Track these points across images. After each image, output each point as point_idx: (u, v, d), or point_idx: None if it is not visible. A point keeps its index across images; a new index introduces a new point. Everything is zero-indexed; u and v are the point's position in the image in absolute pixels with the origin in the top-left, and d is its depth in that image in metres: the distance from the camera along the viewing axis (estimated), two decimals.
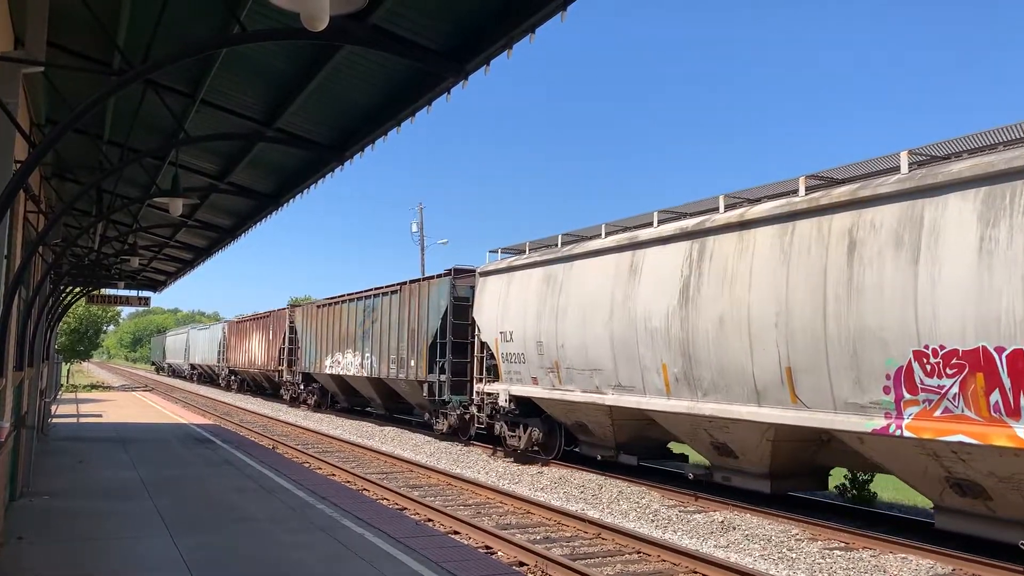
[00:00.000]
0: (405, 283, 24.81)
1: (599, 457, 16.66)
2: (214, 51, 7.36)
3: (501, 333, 18.60)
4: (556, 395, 16.57)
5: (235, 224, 15.36)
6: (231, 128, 9.70)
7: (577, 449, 17.73)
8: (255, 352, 42.38)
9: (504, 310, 18.57)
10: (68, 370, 55.16)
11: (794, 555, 10.30)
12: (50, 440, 17.50)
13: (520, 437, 18.28)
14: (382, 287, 26.62)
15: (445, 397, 21.68)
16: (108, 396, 39.82)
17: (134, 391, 47.77)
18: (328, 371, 30.81)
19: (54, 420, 21.94)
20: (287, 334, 36.74)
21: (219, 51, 7.39)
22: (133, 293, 28.21)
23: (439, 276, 22.99)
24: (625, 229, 15.78)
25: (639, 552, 10.50)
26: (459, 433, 21.91)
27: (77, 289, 20.13)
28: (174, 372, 77.72)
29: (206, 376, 61.28)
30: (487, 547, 10.59)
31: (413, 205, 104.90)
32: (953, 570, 9.69)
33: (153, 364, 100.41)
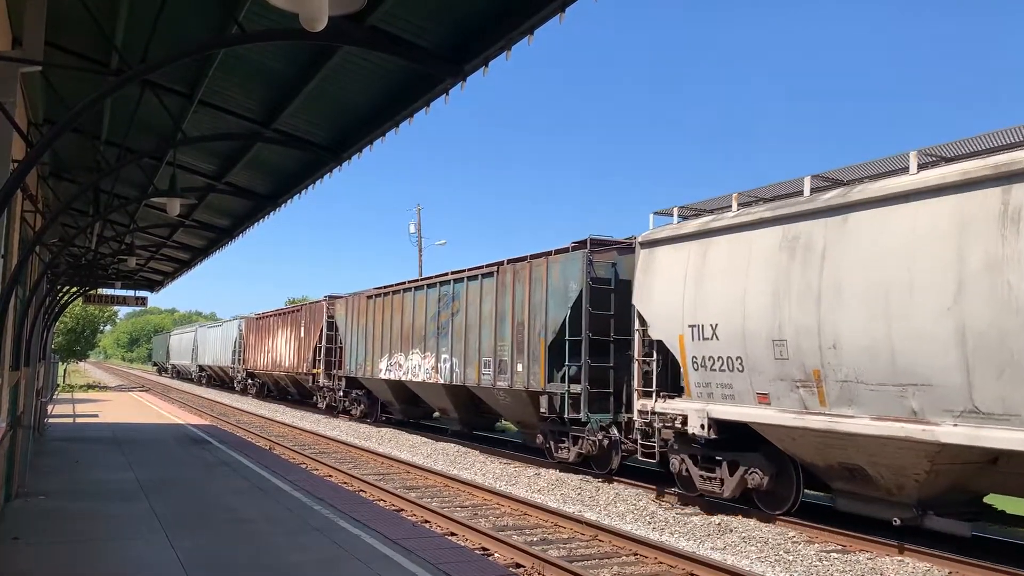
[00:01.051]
0: (504, 263, 19.00)
1: (896, 521, 10.59)
2: (212, 51, 7.35)
3: (691, 328, 12.98)
4: (815, 422, 10.96)
5: (233, 224, 15.34)
6: (229, 129, 9.69)
7: (830, 503, 12.13)
8: (280, 352, 36.92)
9: (696, 293, 12.96)
10: (65, 370, 55.08)
11: (791, 557, 10.30)
12: (46, 440, 17.47)
13: (722, 480, 12.85)
14: (465, 270, 20.73)
15: (580, 416, 15.98)
16: (104, 396, 39.75)
17: (131, 391, 47.70)
18: (384, 376, 25.12)
19: (50, 420, 21.91)
20: (324, 331, 31.12)
21: (217, 51, 7.39)
22: (130, 293, 28.16)
23: (563, 250, 17.14)
24: (944, 161, 10.50)
25: (636, 554, 10.50)
26: (593, 463, 16.62)
27: (74, 289, 20.09)
28: (179, 374, 72.22)
29: (217, 379, 56.11)
30: (484, 549, 10.58)
31: (410, 206, 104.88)
32: (950, 573, 9.70)
33: (155, 365, 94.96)
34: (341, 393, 29.84)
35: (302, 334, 33.88)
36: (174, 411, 30.64)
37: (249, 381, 45.20)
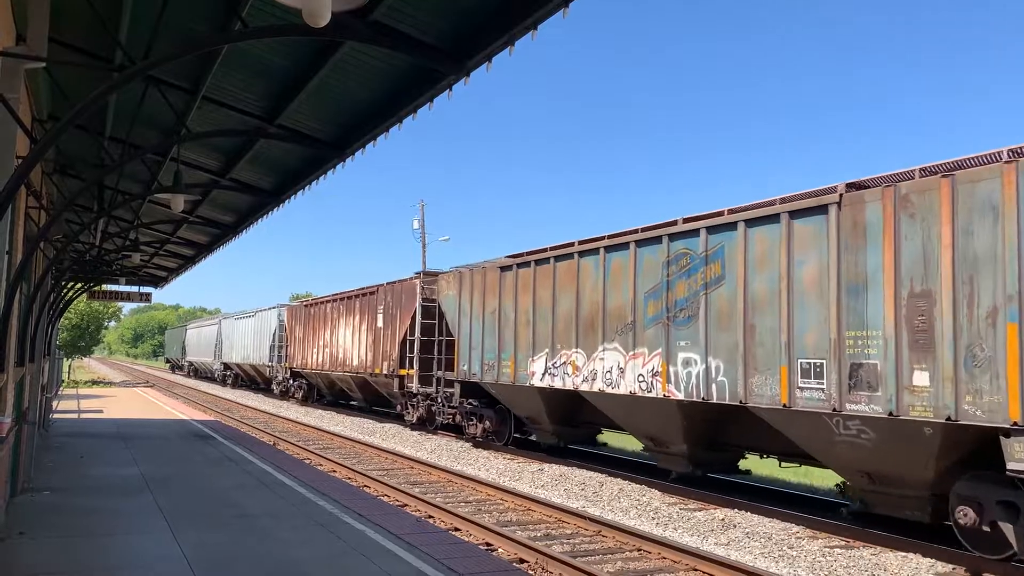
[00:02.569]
0: (842, 189, 10.95)
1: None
2: (216, 47, 7.35)
3: None
4: None
5: (237, 220, 15.36)
6: (233, 124, 9.69)
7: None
8: (344, 347, 29.52)
9: None
10: (69, 366, 55.20)
11: (795, 553, 10.30)
12: (51, 436, 17.53)
13: None
14: (738, 209, 12.71)
15: None
16: (109, 392, 39.87)
17: (135, 387, 47.82)
18: (539, 382, 17.09)
19: (55, 416, 21.98)
20: (417, 319, 23.52)
21: (221, 47, 7.39)
22: (134, 289, 28.20)
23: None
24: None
25: (639, 549, 10.51)
26: None
27: (78, 285, 20.12)
28: (196, 372, 64.49)
29: (246, 380, 48.55)
30: (488, 544, 10.59)
31: (414, 202, 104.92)
32: (954, 568, 9.69)
33: (168, 362, 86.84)
34: (453, 404, 21.68)
35: (380, 323, 26.41)
36: (178, 406, 30.70)
37: (292, 382, 37.17)
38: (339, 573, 7.33)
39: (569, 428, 18.17)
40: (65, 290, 17.99)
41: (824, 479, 16.51)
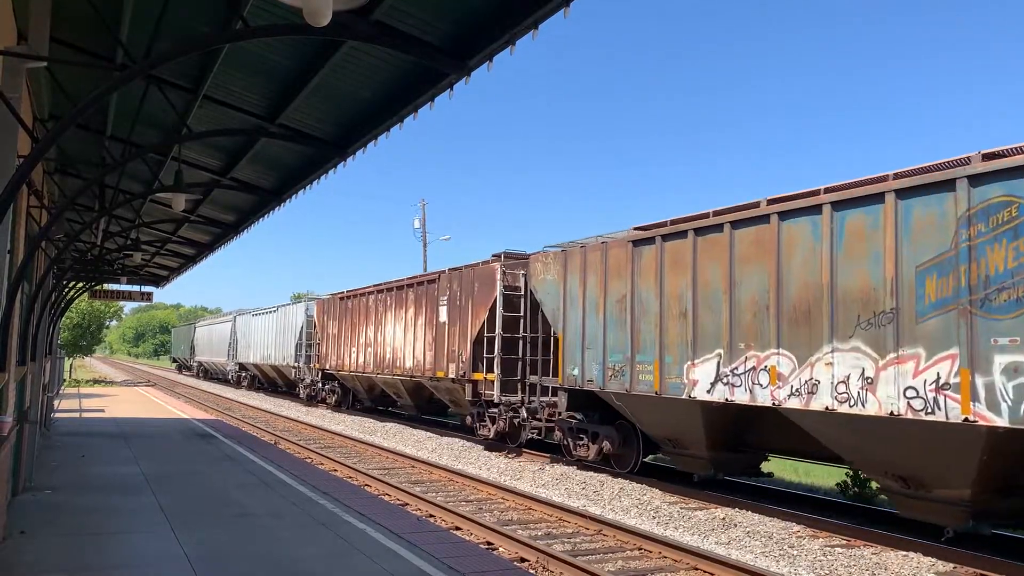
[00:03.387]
0: None
1: None
2: (216, 47, 7.36)
3: None
4: None
5: (237, 220, 15.37)
6: (234, 124, 9.70)
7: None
8: (394, 347, 25.00)
9: None
10: (71, 365, 55.25)
11: (795, 552, 10.30)
12: (52, 435, 17.54)
13: None
14: None
15: None
16: (110, 391, 39.90)
17: (136, 386, 47.86)
18: (713, 396, 12.58)
19: (56, 415, 21.99)
20: (498, 310, 19.24)
21: (222, 47, 7.39)
22: (135, 288, 28.21)
23: None
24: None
25: (640, 548, 10.51)
26: None
27: (79, 284, 20.16)
28: (206, 373, 60.21)
29: (265, 382, 44.36)
30: (488, 543, 10.60)
31: (415, 201, 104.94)
32: (955, 567, 9.69)
33: (174, 362, 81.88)
34: (552, 418, 17.67)
35: (443, 317, 21.84)
36: (179, 405, 30.72)
37: (323, 385, 32.58)
38: (341, 572, 7.33)
39: (730, 454, 13.71)
40: (66, 289, 18.00)
41: (825, 478, 16.51)
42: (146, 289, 28.46)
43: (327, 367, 31.29)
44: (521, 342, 19.40)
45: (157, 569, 7.25)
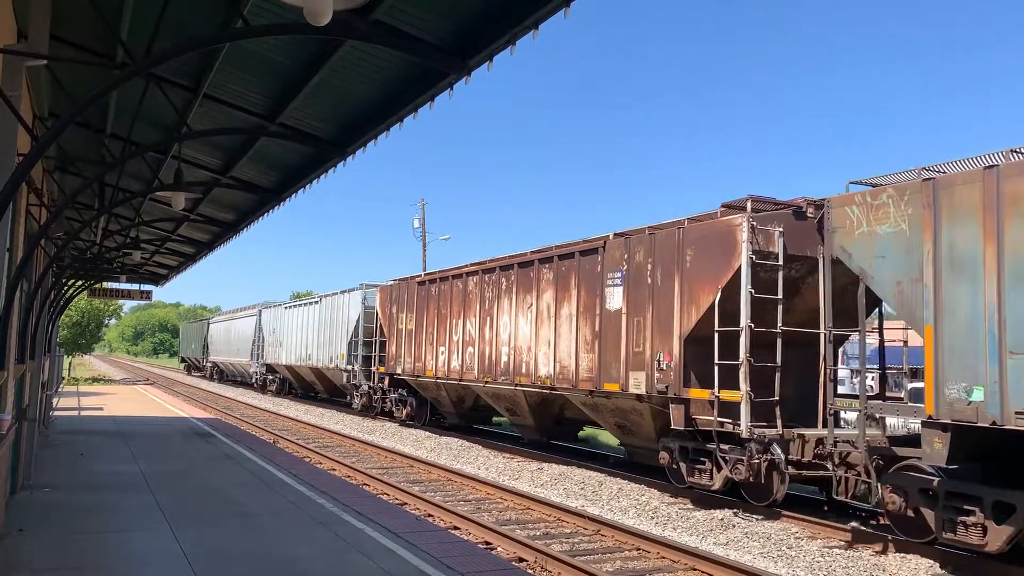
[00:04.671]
0: None
1: None
2: (217, 45, 7.36)
3: None
4: None
5: (237, 219, 15.36)
6: (234, 123, 9.69)
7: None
8: (515, 345, 18.38)
9: None
10: (70, 363, 55.25)
11: (794, 553, 10.31)
12: (51, 433, 17.54)
13: None
14: None
15: None
16: (109, 390, 39.91)
17: (135, 384, 47.87)
18: None
19: (55, 413, 21.99)
20: (743, 291, 12.34)
21: (222, 45, 7.39)
22: (135, 287, 28.19)
23: None
24: None
25: (639, 549, 10.52)
26: None
27: (79, 282, 20.13)
28: (222, 375, 54.23)
29: (299, 387, 37.93)
30: (487, 543, 10.60)
31: (414, 201, 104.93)
32: (952, 569, 9.69)
33: (183, 362, 73.61)
34: (908, 475, 10.42)
35: (614, 303, 15.05)
36: (178, 404, 30.73)
37: (390, 394, 25.75)
38: (339, 571, 7.33)
39: None
40: (66, 287, 18.00)
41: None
42: (145, 287, 28.45)
43: (398, 371, 24.37)
44: (779, 341, 12.46)
45: (155, 568, 7.25)
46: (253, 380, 43.54)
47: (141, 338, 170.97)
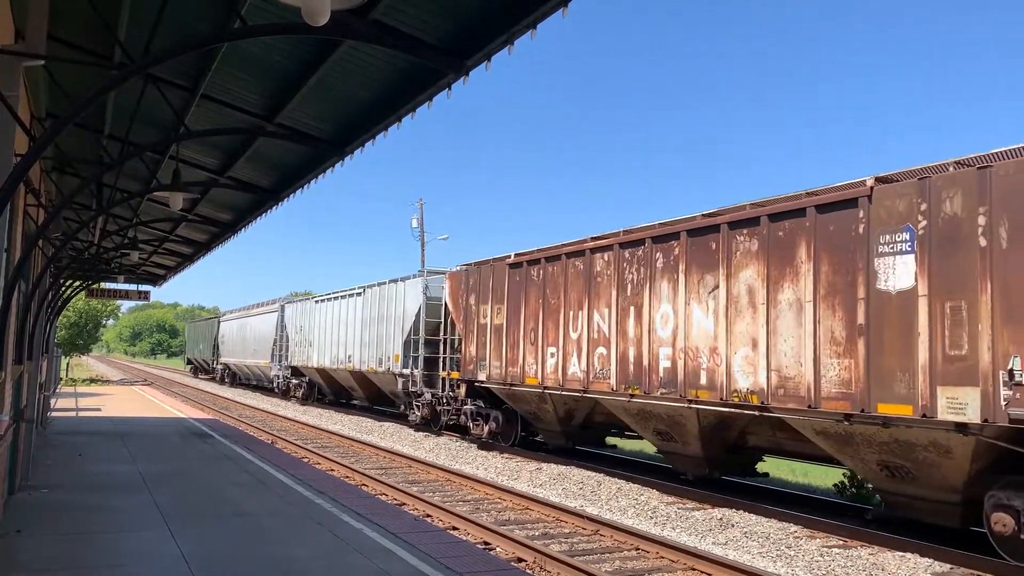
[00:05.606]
0: None
1: None
2: (215, 45, 7.36)
3: None
4: None
5: (235, 219, 15.36)
6: (232, 123, 9.69)
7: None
8: (692, 346, 13.12)
9: None
10: (67, 364, 55.17)
11: (792, 552, 10.31)
12: (49, 434, 17.52)
13: None
14: None
15: None
16: (107, 390, 39.84)
17: (133, 385, 47.81)
18: None
19: (53, 414, 21.96)
20: None
21: (220, 45, 7.39)
22: (133, 287, 28.19)
23: None
24: None
25: (637, 549, 10.51)
26: None
27: (77, 283, 20.10)
28: (235, 379, 49.93)
29: (331, 392, 33.41)
30: (486, 543, 10.60)
31: (412, 201, 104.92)
32: (952, 568, 9.70)
33: (189, 363, 68.36)
34: None
35: (905, 280, 10.08)
36: (175, 404, 30.69)
37: (467, 405, 20.72)
38: (338, 571, 7.32)
39: None
40: (63, 288, 17.98)
41: (823, 479, 16.53)
42: (143, 288, 28.45)
43: (480, 377, 19.31)
44: None
45: (153, 568, 7.24)
46: (274, 385, 38.77)
47: (139, 338, 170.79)
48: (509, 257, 18.77)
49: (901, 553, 10.22)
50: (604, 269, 15.44)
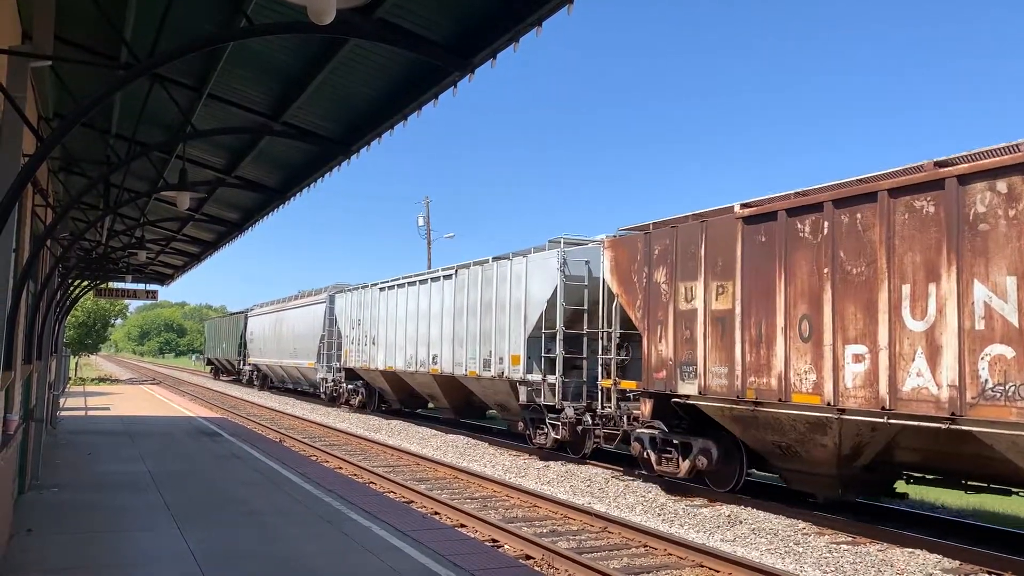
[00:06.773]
0: None
1: None
2: (221, 45, 7.37)
3: None
4: None
5: (242, 218, 15.39)
6: (238, 122, 9.71)
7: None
8: None
9: None
10: (76, 363, 55.41)
11: (801, 549, 10.29)
12: (58, 433, 17.59)
13: None
14: None
15: None
16: (116, 389, 40.00)
17: (141, 384, 47.98)
18: None
19: (62, 413, 22.06)
20: None
21: (226, 45, 7.40)
22: (140, 287, 28.30)
23: None
24: None
25: (646, 546, 10.51)
26: None
27: (85, 283, 20.18)
28: (265, 381, 44.45)
29: (398, 401, 27.57)
30: (494, 540, 10.60)
31: (418, 199, 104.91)
32: (960, 564, 9.67)
33: (209, 364, 62.74)
34: None
35: None
36: (184, 403, 30.78)
37: (643, 429, 14.19)
38: (346, 569, 7.34)
39: None
40: (72, 288, 18.05)
41: None
42: (151, 287, 28.55)
43: (684, 391, 13.11)
44: None
45: (163, 566, 7.27)
46: (320, 390, 32.78)
47: (147, 338, 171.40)
48: (738, 209, 12.43)
49: (910, 550, 10.19)
50: (996, 208, 9.02)
